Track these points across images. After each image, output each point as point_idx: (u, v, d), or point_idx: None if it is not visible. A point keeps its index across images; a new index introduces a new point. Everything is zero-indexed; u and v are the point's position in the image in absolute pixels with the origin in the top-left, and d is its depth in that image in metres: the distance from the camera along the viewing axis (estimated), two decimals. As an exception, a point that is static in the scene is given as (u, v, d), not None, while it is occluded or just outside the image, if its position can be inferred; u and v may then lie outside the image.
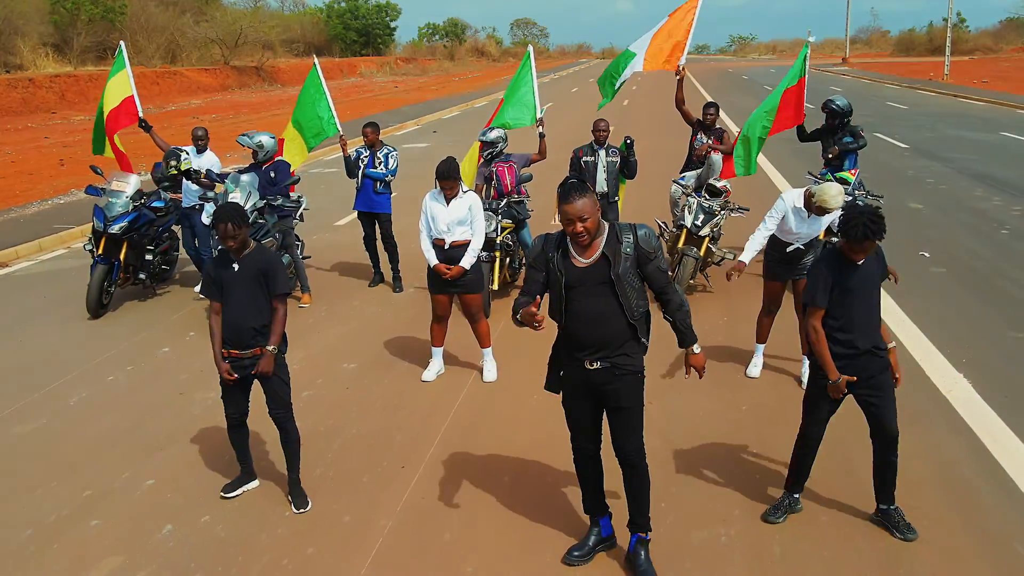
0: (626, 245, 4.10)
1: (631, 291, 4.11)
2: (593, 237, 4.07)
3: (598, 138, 9.17)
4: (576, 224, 4.00)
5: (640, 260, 4.12)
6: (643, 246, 4.12)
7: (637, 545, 4.48)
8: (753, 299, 8.77)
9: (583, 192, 4.00)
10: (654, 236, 4.17)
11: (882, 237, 4.40)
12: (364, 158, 9.74)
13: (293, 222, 9.43)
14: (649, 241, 4.14)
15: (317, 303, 9.31)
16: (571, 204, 3.98)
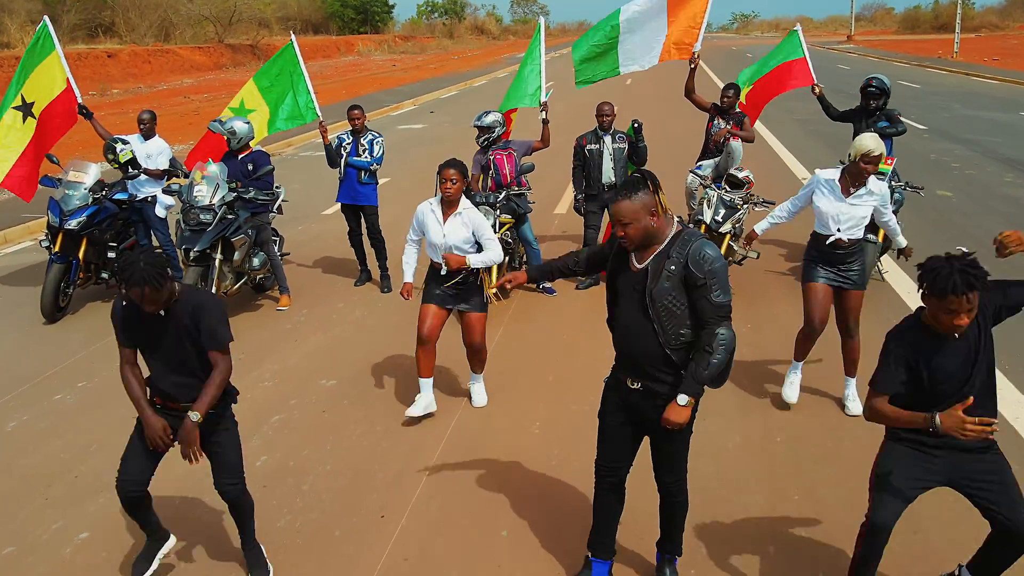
0: (673, 261, 3.51)
1: (668, 315, 3.55)
2: (642, 243, 3.56)
3: (602, 123, 8.27)
4: (618, 228, 3.54)
5: (688, 283, 3.50)
6: (692, 267, 3.48)
7: (664, 563, 4.16)
8: (779, 301, 7.92)
9: (631, 192, 3.49)
10: (712, 259, 3.48)
11: (984, 288, 3.23)
12: (347, 145, 8.85)
13: (270, 216, 8.55)
14: (701, 263, 3.47)
15: (296, 305, 8.46)
16: (614, 204, 3.53)
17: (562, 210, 12.17)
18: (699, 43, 8.67)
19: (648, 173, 3.54)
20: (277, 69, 9.28)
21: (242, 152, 8.28)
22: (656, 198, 3.47)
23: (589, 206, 8.39)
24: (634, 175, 3.55)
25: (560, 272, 4.26)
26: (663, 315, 3.53)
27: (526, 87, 8.75)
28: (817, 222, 5.73)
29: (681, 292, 3.50)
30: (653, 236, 3.51)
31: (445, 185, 5.66)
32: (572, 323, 7.69)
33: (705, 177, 8.36)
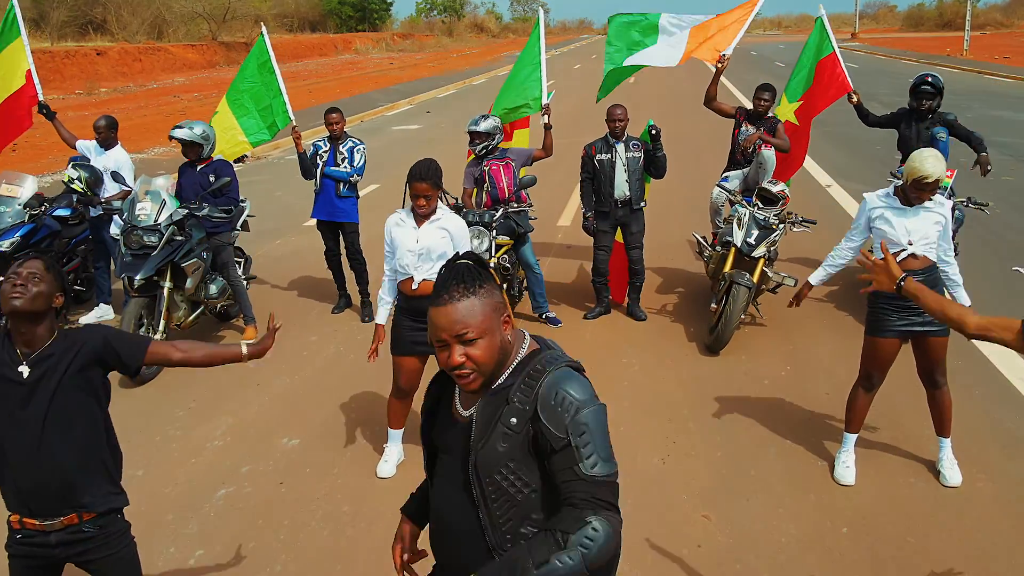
0: (515, 409, 2.10)
1: (501, 501, 2.14)
2: (487, 372, 2.12)
3: (614, 129, 7.17)
4: (452, 349, 2.09)
5: (539, 447, 2.10)
6: (546, 420, 2.07)
7: None
8: (820, 336, 6.82)
9: (468, 285, 2.09)
10: (578, 403, 2.07)
11: None
12: (323, 154, 7.76)
13: (233, 234, 7.47)
14: (559, 412, 2.06)
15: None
16: (442, 308, 2.09)
17: (566, 222, 11.07)
18: (731, 48, 7.59)
19: (474, 256, 2.20)
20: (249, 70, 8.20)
21: (202, 162, 7.19)
22: (503, 294, 2.18)
23: (600, 225, 7.30)
24: (458, 259, 2.16)
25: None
26: (493, 500, 2.14)
27: (526, 91, 7.67)
28: (879, 251, 4.64)
29: (528, 462, 2.11)
30: (504, 361, 2.17)
31: (419, 202, 4.68)
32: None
33: (733, 191, 7.27)
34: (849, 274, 8.32)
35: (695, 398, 5.87)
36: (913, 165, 4.38)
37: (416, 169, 4.64)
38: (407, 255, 4.73)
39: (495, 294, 2.14)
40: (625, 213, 7.22)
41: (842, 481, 4.73)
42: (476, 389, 2.14)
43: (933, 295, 2.91)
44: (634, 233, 7.28)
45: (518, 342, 2.22)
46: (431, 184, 4.62)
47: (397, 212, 4.85)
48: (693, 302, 7.85)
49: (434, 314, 2.10)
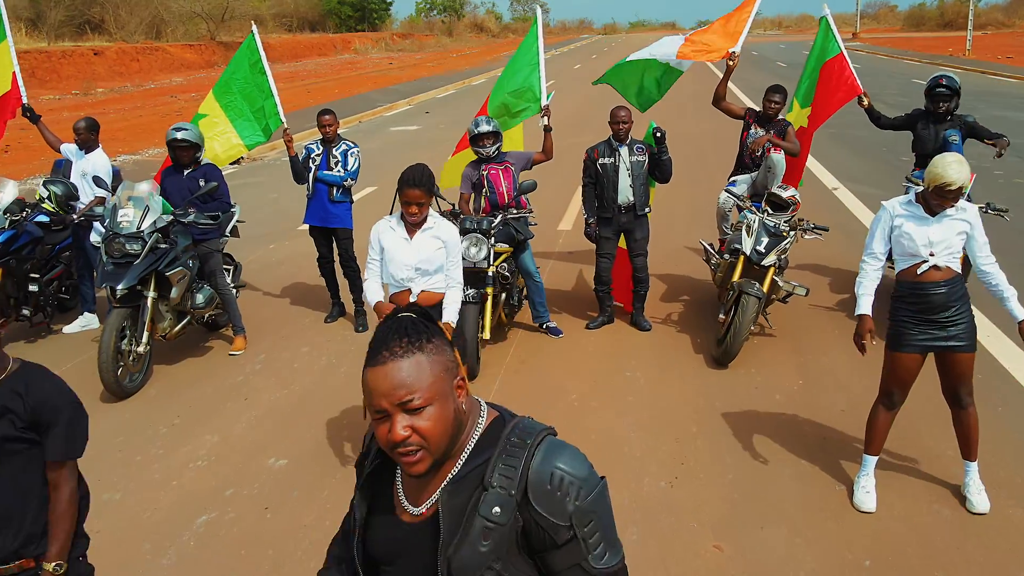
0: (496, 494, 1.67)
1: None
2: (438, 450, 1.68)
3: (617, 132, 6.88)
4: (394, 420, 1.64)
5: (533, 540, 1.69)
6: (539, 507, 1.67)
7: None
8: (833, 347, 6.54)
9: (412, 340, 1.66)
10: (572, 480, 1.70)
11: None
12: (316, 157, 7.48)
13: (221, 241, 7.19)
14: (558, 496, 1.67)
15: (253, 349, 7.08)
16: (378, 367, 1.65)
17: (567, 226, 10.79)
18: (739, 45, 7.31)
19: (419, 308, 1.76)
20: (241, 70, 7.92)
21: (192, 165, 6.91)
22: (455, 352, 1.76)
23: (603, 231, 7.01)
24: (401, 311, 1.74)
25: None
26: None
27: (526, 92, 7.39)
28: (900, 260, 4.38)
29: (518, 561, 1.70)
30: (458, 436, 1.72)
31: (410, 209, 4.41)
32: (581, 376, 6.31)
33: (741, 196, 6.98)
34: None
35: (703, 414, 5.59)
36: (935, 171, 4.10)
37: (408, 175, 4.37)
38: (404, 269, 4.46)
39: (446, 352, 1.70)
40: (629, 219, 6.94)
41: (862, 507, 4.44)
42: (423, 472, 1.66)
43: None
44: (638, 240, 7.00)
45: (474, 412, 1.78)
46: (424, 191, 4.36)
47: (387, 219, 4.57)
48: (699, 311, 7.57)
49: (371, 376, 1.63)
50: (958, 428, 4.48)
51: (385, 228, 4.55)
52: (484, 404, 1.81)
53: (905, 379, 4.40)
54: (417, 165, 4.43)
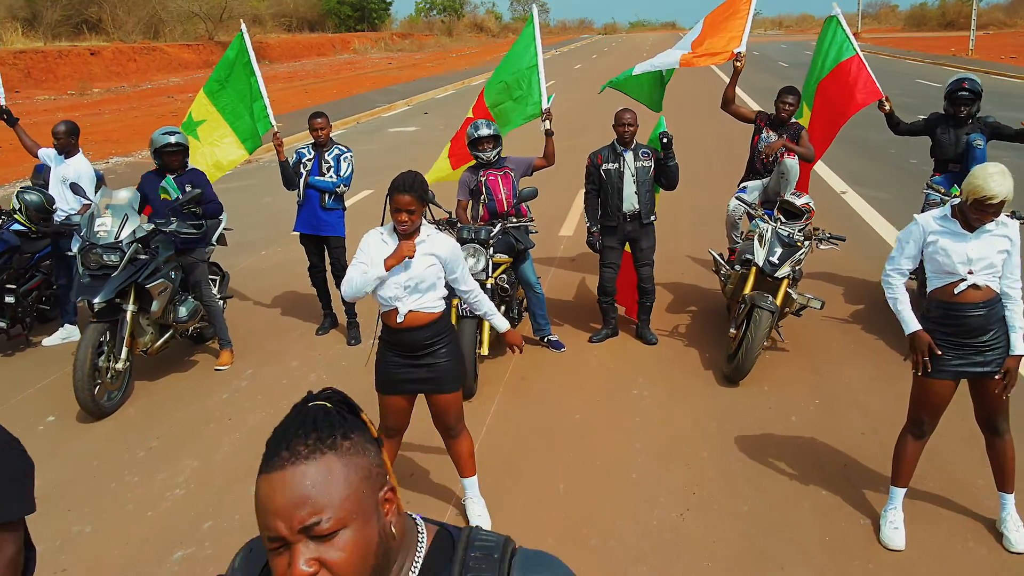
0: None
1: None
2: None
3: (622, 135, 6.54)
4: (295, 551, 1.20)
5: None
6: None
7: None
8: (848, 363, 6.21)
9: (326, 436, 1.25)
10: None
11: None
12: (307, 162, 7.16)
13: (207, 250, 6.86)
14: None
15: (240, 363, 6.75)
16: (273, 474, 1.22)
17: (568, 231, 10.46)
18: (743, 44, 6.99)
19: (339, 395, 1.37)
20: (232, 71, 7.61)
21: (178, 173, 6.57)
22: (381, 454, 1.34)
23: (606, 240, 6.68)
24: (312, 400, 1.35)
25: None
26: None
27: (525, 95, 7.07)
28: (933, 279, 4.05)
29: None
30: (385, 569, 1.30)
31: (400, 217, 4.04)
32: (586, 394, 5.98)
33: (752, 204, 6.65)
34: (874, 290, 7.73)
35: (715, 438, 5.26)
36: (975, 183, 3.76)
37: (398, 180, 4.03)
38: (391, 287, 4.12)
39: (369, 453, 1.29)
40: (634, 227, 6.61)
41: (890, 545, 4.11)
42: None
43: None
44: (644, 249, 6.67)
45: (409, 534, 1.38)
46: (415, 197, 4.02)
47: (378, 230, 4.24)
48: (707, 323, 7.25)
49: (264, 488, 1.23)
50: (993, 457, 4.16)
51: (376, 240, 4.20)
52: (420, 520, 1.43)
53: (937, 407, 4.07)
54: (409, 172, 4.10)
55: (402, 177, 4.03)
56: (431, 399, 4.28)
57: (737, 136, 17.68)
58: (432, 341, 4.18)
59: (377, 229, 4.24)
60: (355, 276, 4.12)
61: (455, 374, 4.27)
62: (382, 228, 4.23)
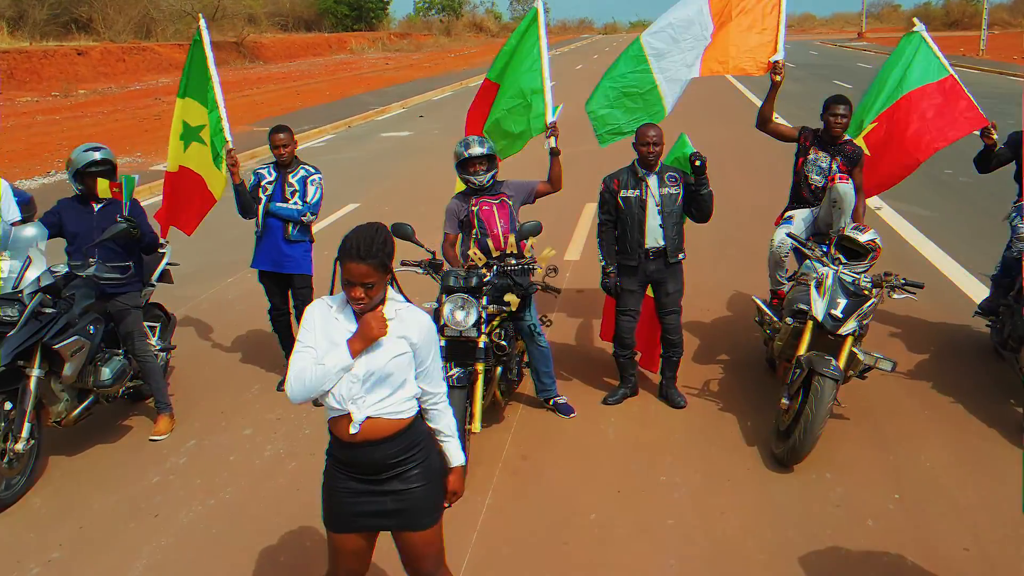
0: None
1: None
2: None
3: (645, 156, 5.38)
4: None
5: None
6: None
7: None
8: (932, 442, 5.01)
9: None
10: None
11: None
12: (268, 185, 6.01)
13: (145, 291, 5.70)
14: None
15: (182, 431, 5.58)
16: None
17: (574, 255, 9.29)
18: (782, 51, 5.82)
19: None
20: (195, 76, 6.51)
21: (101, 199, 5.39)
22: None
23: (625, 283, 5.51)
24: None
25: None
26: None
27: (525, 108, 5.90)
28: None
29: None
30: None
31: (354, 293, 2.89)
32: (603, 481, 4.81)
33: (807, 242, 5.45)
34: (935, 333, 6.58)
35: (772, 550, 4.09)
36: None
37: (352, 242, 2.88)
38: (344, 383, 2.94)
39: None
40: (658, 267, 5.44)
41: None
42: None
43: None
44: (670, 294, 5.50)
45: None
46: (375, 266, 2.86)
47: (325, 300, 3.07)
48: (743, 376, 6.08)
49: None
50: None
51: (323, 314, 3.02)
52: None
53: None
54: (365, 227, 2.93)
55: (356, 237, 2.87)
56: (400, 538, 3.11)
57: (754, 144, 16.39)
58: (400, 459, 3.01)
59: (323, 300, 3.07)
60: (306, 368, 2.92)
61: (432, 503, 3.11)
62: (330, 299, 3.06)
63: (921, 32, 6.22)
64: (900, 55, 6.22)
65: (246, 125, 21.87)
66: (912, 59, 6.09)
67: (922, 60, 6.07)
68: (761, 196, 11.88)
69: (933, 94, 5.96)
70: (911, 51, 6.16)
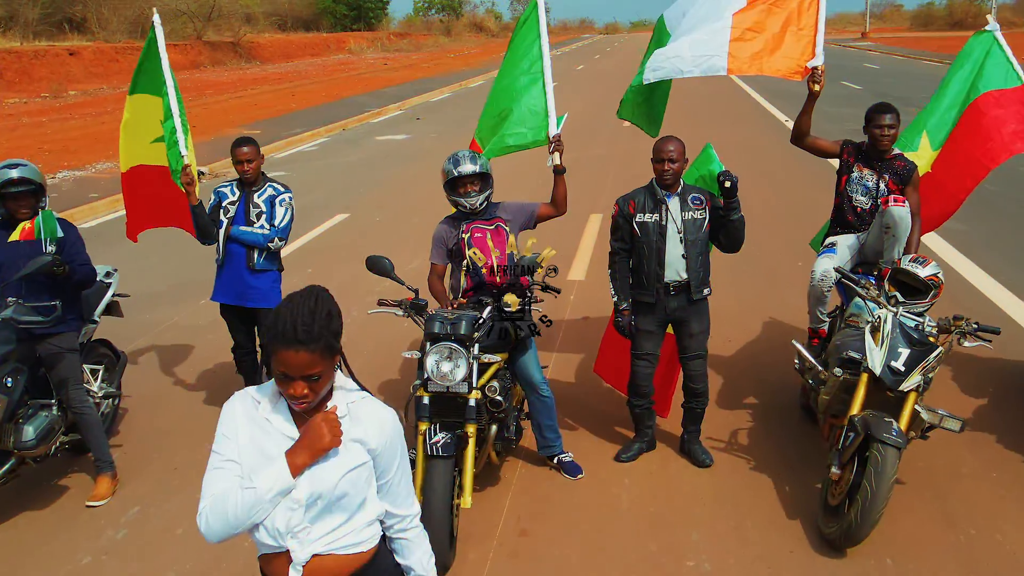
0: None
1: None
2: None
3: (662, 175, 4.59)
4: None
5: None
6: None
7: None
8: (1004, 514, 4.20)
9: None
10: None
11: None
12: (230, 206, 5.24)
13: (83, 331, 4.93)
14: None
15: (124, 495, 4.79)
16: None
17: (578, 274, 8.51)
18: (820, 56, 5.02)
19: None
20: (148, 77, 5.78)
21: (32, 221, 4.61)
22: None
23: (642, 322, 4.73)
24: None
25: None
26: None
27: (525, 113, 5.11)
28: None
29: None
30: None
31: (292, 391, 2.12)
32: (619, 564, 4.02)
33: (860, 280, 4.62)
34: (994, 375, 5.78)
35: None
36: None
37: (285, 320, 2.09)
38: (280, 511, 2.15)
39: None
40: (680, 305, 4.65)
41: None
42: None
43: None
44: (695, 335, 4.71)
45: None
46: (319, 352, 2.08)
47: (248, 393, 2.28)
48: (776, 425, 5.30)
49: None
50: None
51: (249, 415, 2.22)
52: None
53: None
54: (302, 296, 2.15)
55: (291, 312, 2.10)
56: None
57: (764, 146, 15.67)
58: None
59: (248, 393, 2.28)
60: (228, 494, 2.13)
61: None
62: (257, 391, 2.27)
63: (994, 32, 5.44)
64: (967, 57, 5.43)
65: (237, 128, 21.07)
66: (983, 62, 5.31)
67: (993, 64, 5.29)
68: (775, 202, 11.12)
69: (998, 103, 5.17)
70: (980, 53, 5.37)
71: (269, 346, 2.11)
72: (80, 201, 12.91)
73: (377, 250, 4.71)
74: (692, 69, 4.99)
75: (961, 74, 5.39)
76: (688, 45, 5.08)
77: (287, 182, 5.60)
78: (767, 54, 5.05)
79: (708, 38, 5.09)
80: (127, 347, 6.91)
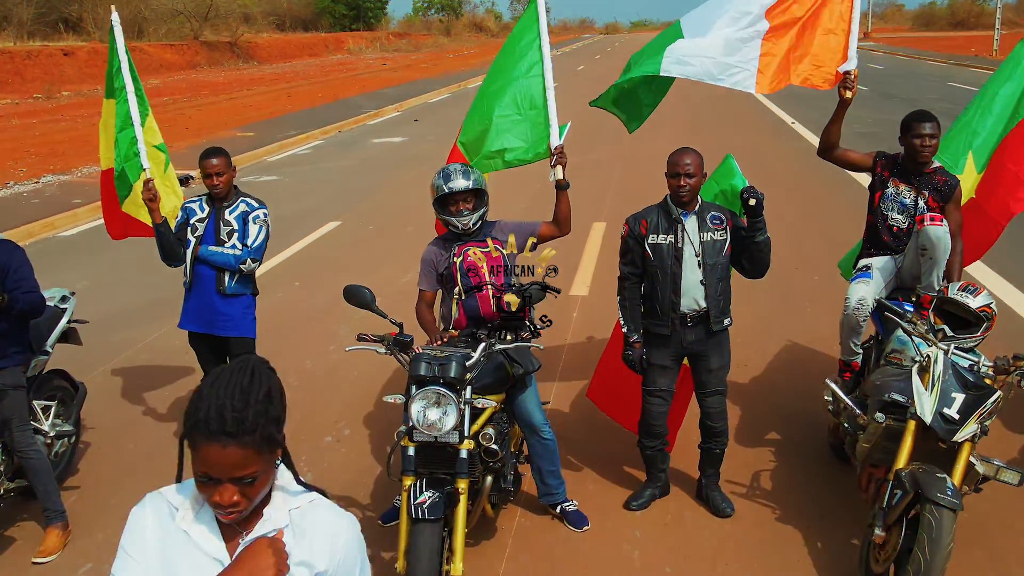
0: None
1: None
2: None
3: (678, 191, 4.09)
4: None
5: None
6: None
7: None
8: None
9: None
10: None
11: None
12: (198, 223, 4.74)
13: (33, 364, 4.42)
14: None
15: (79, 544, 4.29)
16: None
17: (581, 289, 7.99)
18: (853, 59, 4.50)
19: None
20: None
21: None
22: None
23: (655, 356, 4.22)
24: None
25: None
26: None
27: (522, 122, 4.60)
28: None
29: None
30: None
31: (215, 496, 1.64)
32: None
33: (905, 314, 4.11)
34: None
35: None
36: None
37: (209, 406, 1.59)
38: None
39: None
40: (698, 337, 4.15)
41: None
42: None
43: None
44: (713, 371, 4.21)
45: None
46: (254, 447, 1.59)
47: (165, 498, 1.77)
48: (801, 463, 4.80)
49: None
50: None
51: (161, 528, 1.73)
52: None
53: None
54: (231, 372, 1.66)
55: (216, 395, 1.61)
56: None
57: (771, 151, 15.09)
58: None
59: (161, 497, 1.77)
60: None
61: None
62: (173, 493, 1.77)
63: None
64: (1016, 66, 4.89)
65: (229, 130, 20.57)
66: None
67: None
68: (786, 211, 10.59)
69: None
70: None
71: (188, 439, 1.61)
72: (63, 207, 12.41)
73: (369, 261, 4.23)
74: (722, 78, 4.46)
75: (1010, 86, 4.86)
76: (722, 44, 4.52)
77: (278, 186, 5.13)
78: (796, 62, 4.53)
79: (740, 43, 4.55)
80: (95, 371, 6.44)
